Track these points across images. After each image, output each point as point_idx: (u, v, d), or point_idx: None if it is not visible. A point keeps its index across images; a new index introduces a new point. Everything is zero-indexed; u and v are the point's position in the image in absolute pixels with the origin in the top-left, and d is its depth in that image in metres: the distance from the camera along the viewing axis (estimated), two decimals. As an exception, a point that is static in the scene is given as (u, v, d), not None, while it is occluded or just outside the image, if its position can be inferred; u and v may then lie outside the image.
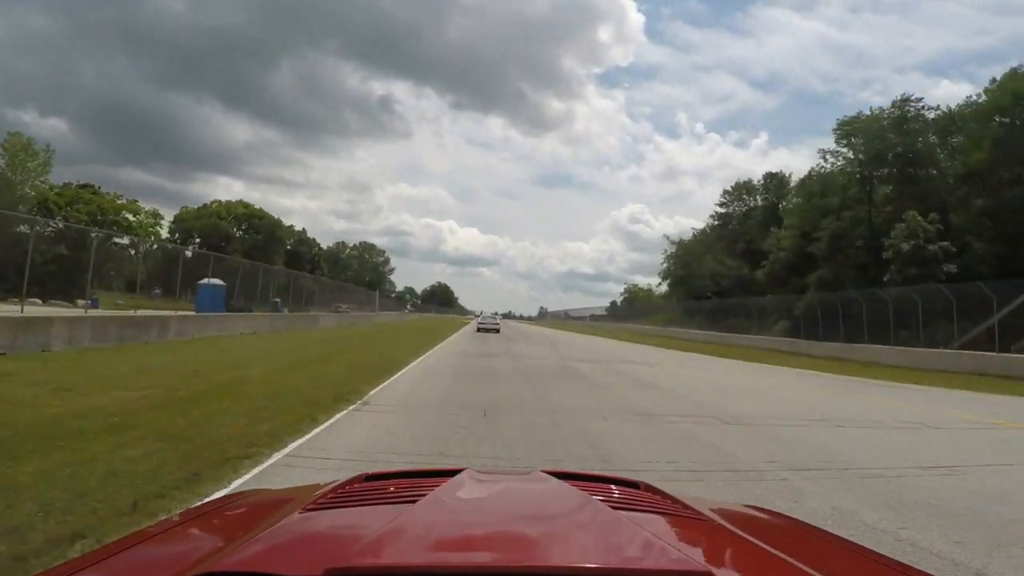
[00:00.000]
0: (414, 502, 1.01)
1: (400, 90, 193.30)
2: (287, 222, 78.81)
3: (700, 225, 62.15)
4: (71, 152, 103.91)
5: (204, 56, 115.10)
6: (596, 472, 1.56)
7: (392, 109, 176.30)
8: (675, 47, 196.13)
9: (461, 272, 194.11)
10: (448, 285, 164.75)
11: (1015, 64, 31.13)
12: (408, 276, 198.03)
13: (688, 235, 60.44)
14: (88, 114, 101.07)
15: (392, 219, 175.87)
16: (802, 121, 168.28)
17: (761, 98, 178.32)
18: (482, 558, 0.81)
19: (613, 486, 1.30)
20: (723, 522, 1.10)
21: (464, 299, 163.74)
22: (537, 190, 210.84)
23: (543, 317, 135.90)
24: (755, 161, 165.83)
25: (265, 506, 1.28)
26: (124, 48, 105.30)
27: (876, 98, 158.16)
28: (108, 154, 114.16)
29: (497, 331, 35.86)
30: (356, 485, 1.26)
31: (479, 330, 36.13)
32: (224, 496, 1.53)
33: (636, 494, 1.25)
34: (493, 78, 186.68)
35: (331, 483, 1.34)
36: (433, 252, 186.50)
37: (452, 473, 1.24)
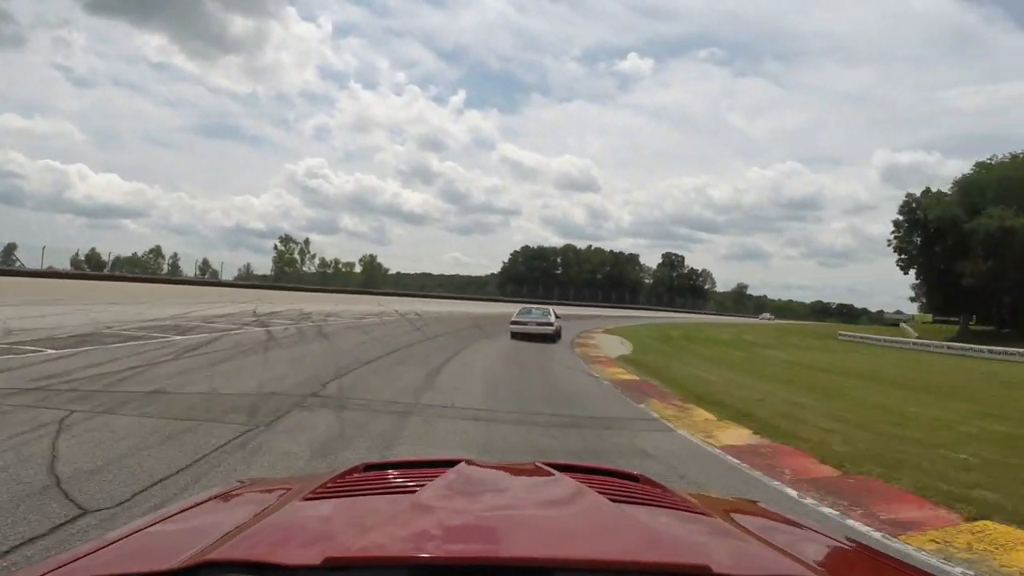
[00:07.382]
0: (413, 492, 1.02)
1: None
2: None
3: (384, 184, 38.87)
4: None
5: None
6: (594, 464, 1.56)
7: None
8: (372, 9, 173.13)
9: (97, 224, 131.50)
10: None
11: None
12: (22, 228, 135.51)
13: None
14: None
15: None
16: (483, 93, 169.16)
17: (444, 68, 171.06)
18: (480, 548, 0.81)
19: (611, 478, 1.30)
20: (720, 516, 1.11)
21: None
22: (200, 134, 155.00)
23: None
24: (450, 119, 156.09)
25: (265, 495, 1.28)
26: None
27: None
28: None
29: (553, 337, 17.86)
30: (355, 475, 1.26)
31: (514, 336, 17.84)
32: (224, 485, 1.54)
33: (634, 487, 1.25)
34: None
35: (330, 472, 1.34)
36: (56, 200, 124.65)
37: (451, 463, 1.25)
